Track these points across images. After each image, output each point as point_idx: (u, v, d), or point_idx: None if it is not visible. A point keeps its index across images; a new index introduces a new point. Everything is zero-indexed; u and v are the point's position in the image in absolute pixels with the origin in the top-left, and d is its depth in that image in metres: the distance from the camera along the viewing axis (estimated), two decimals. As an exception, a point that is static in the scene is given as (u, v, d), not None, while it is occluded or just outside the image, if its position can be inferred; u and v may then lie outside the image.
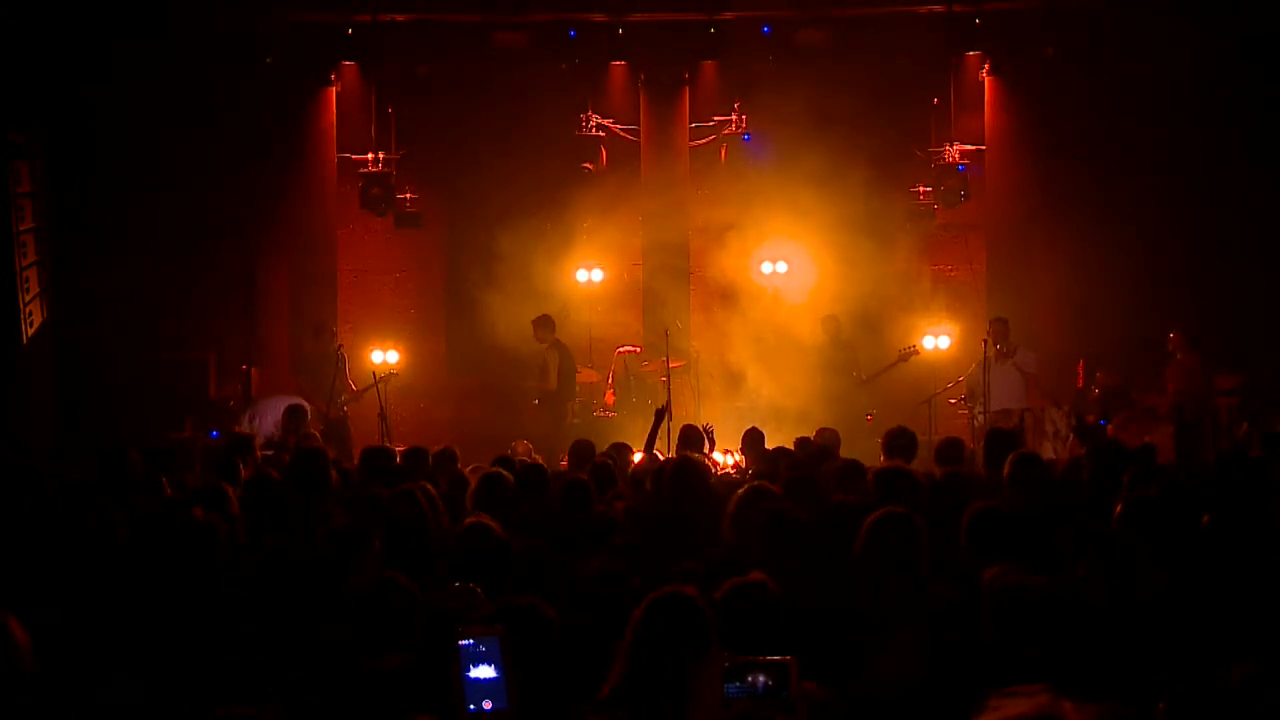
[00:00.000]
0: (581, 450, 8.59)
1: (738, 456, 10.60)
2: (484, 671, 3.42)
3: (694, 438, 9.37)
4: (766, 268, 14.80)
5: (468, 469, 8.06)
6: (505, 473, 6.80)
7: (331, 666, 4.17)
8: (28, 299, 12.49)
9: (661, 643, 3.61)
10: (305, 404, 12.42)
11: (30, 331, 12.51)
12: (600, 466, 7.70)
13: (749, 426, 10.27)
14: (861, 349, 14.25)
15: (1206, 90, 13.78)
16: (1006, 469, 6.81)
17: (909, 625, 4.32)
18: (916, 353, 13.95)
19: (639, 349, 14.65)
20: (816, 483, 6.48)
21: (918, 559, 4.66)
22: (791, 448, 9.26)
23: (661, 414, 10.35)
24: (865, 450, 10.67)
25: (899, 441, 8.21)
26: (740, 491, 5.81)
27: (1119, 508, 5.28)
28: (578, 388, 14.13)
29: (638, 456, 9.47)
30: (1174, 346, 13.20)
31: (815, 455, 8.49)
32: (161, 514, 5.28)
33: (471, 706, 3.41)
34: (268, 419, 12.43)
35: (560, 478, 7.34)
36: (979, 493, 6.44)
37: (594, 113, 15.02)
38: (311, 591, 4.78)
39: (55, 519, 5.48)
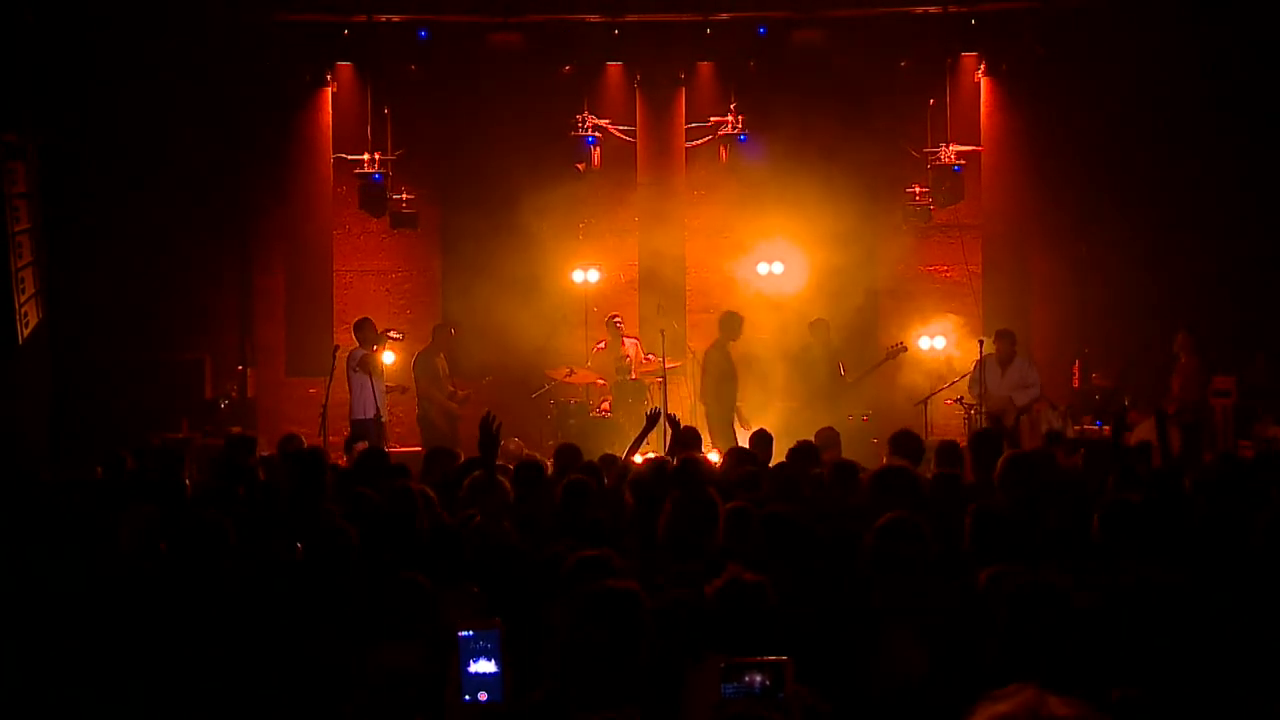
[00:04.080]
0: (566, 454, 8.47)
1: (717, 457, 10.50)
2: (483, 665, 3.44)
3: (691, 438, 9.32)
4: (762, 268, 14.79)
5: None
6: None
7: (334, 665, 4.18)
8: (23, 299, 12.47)
9: (658, 644, 3.62)
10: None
11: (26, 332, 12.49)
12: (590, 467, 7.66)
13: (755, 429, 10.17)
14: (854, 350, 14.22)
15: (1202, 89, 13.80)
16: (997, 471, 6.81)
17: (909, 625, 4.33)
18: (904, 349, 13.89)
19: (638, 341, 14.62)
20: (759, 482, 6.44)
21: (921, 562, 4.68)
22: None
23: (654, 420, 10.13)
24: (860, 452, 10.68)
25: (906, 446, 8.10)
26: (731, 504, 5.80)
27: (1097, 512, 5.33)
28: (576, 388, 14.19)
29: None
30: (1179, 348, 13.23)
31: (802, 456, 8.45)
32: (168, 514, 5.29)
33: (467, 698, 3.43)
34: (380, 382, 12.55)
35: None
36: (969, 494, 6.44)
37: (590, 113, 15.02)
38: (307, 591, 4.79)
39: (51, 521, 5.48)
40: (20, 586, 4.60)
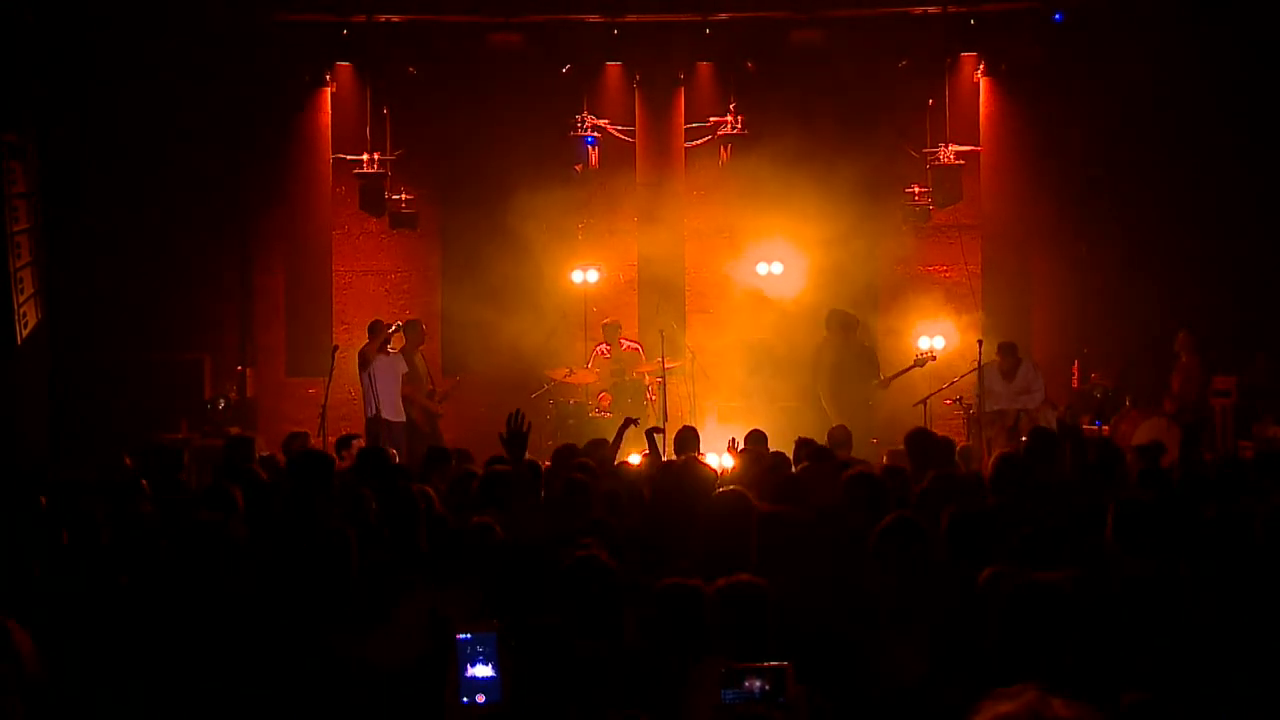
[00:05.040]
0: (565, 454, 8.45)
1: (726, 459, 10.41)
2: (480, 667, 3.44)
3: (690, 439, 9.31)
4: (761, 269, 14.77)
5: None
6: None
7: (333, 665, 4.18)
8: (22, 300, 12.45)
9: (663, 636, 3.62)
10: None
11: (25, 332, 12.47)
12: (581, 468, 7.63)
13: (750, 428, 10.11)
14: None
15: (1202, 91, 13.80)
16: (989, 470, 6.81)
17: (909, 625, 4.33)
18: (934, 358, 13.64)
19: (639, 346, 14.62)
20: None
21: (922, 562, 4.68)
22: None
23: (632, 424, 9.92)
24: (860, 451, 10.69)
25: (923, 447, 8.02)
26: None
27: (1111, 509, 5.32)
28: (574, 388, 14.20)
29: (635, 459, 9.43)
30: (1180, 347, 13.20)
31: (814, 454, 8.45)
32: (168, 515, 5.29)
33: (465, 699, 3.44)
34: (386, 379, 12.51)
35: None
36: (966, 494, 6.43)
37: (589, 113, 15.01)
38: (307, 591, 4.78)
39: (51, 522, 5.47)
40: (19, 586, 4.59)
